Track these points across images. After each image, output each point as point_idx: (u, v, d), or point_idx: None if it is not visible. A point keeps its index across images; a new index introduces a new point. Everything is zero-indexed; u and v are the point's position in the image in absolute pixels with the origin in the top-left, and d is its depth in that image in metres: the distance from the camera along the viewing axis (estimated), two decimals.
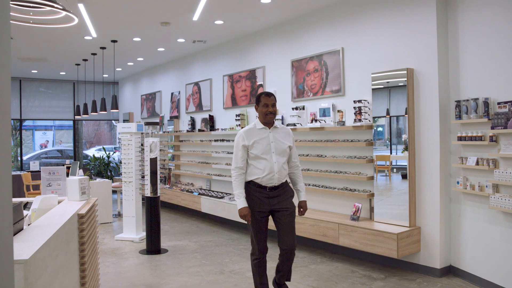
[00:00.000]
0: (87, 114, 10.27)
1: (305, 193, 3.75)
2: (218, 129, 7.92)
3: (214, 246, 5.99)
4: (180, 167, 9.26)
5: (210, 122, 8.20)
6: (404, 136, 4.87)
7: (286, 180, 3.65)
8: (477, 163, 4.16)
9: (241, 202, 3.48)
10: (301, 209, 3.68)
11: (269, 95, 3.58)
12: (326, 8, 5.80)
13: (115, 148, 13.32)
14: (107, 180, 8.11)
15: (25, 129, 13.03)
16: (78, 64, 10.06)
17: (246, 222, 3.53)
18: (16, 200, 3.22)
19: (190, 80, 9.12)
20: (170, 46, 8.32)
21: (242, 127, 7.22)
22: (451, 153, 4.60)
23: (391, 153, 5.19)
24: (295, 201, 3.67)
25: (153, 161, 5.91)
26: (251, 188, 3.54)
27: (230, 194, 7.29)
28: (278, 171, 3.50)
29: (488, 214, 4.18)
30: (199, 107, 8.73)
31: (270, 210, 3.55)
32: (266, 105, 3.54)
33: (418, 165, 4.71)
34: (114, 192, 9.47)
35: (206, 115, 8.43)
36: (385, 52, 5.04)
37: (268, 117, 3.54)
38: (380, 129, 5.45)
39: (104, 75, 10.99)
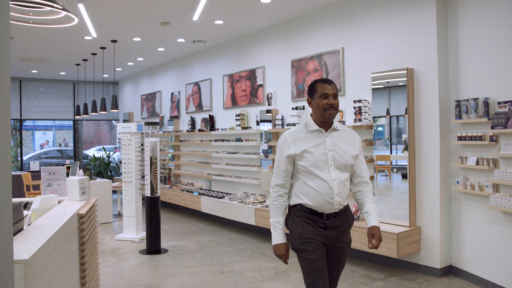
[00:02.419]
0: (87, 114, 10.27)
1: (377, 216, 2.61)
2: (218, 129, 7.92)
3: (214, 246, 6.00)
4: (180, 167, 9.26)
5: (210, 122, 8.20)
6: (404, 136, 4.87)
7: (347, 203, 2.64)
8: (477, 163, 4.16)
9: (277, 235, 2.54)
10: (373, 239, 2.56)
11: (328, 82, 2.58)
12: (326, 8, 5.80)
13: (115, 148, 13.32)
14: (107, 180, 8.11)
15: (25, 129, 13.03)
16: (78, 64, 10.06)
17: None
18: (16, 200, 3.22)
19: (190, 80, 9.12)
20: (170, 46, 8.32)
21: (242, 127, 7.21)
22: (451, 153, 4.60)
23: (391, 153, 5.19)
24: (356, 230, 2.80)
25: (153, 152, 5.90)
26: (300, 213, 2.53)
27: (230, 194, 7.29)
28: (338, 193, 2.48)
29: (488, 214, 4.18)
30: (199, 107, 8.73)
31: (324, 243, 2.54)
32: (325, 96, 2.53)
33: (418, 165, 4.70)
34: (114, 192, 9.47)
35: (206, 115, 8.43)
36: (385, 52, 5.04)
37: (328, 114, 2.52)
38: (380, 129, 5.45)
39: (104, 75, 10.99)
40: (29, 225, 2.43)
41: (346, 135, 2.63)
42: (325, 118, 2.53)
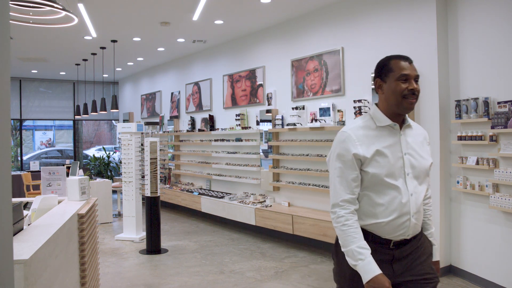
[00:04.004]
0: (87, 114, 10.28)
1: (439, 246, 2.11)
2: (218, 129, 7.92)
3: (214, 246, 6.00)
4: (180, 167, 9.26)
5: (210, 122, 8.20)
6: None
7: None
8: (477, 163, 4.16)
9: (369, 265, 1.74)
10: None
11: (408, 59, 1.91)
12: (326, 8, 5.80)
13: (115, 148, 13.32)
14: (107, 180, 8.11)
15: (25, 129, 13.03)
16: (78, 64, 10.06)
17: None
18: (16, 200, 3.22)
19: (190, 80, 9.12)
20: (170, 46, 8.32)
21: (242, 127, 7.20)
22: (451, 153, 4.60)
23: None
24: None
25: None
26: None
27: (230, 194, 7.29)
28: (416, 212, 1.86)
29: (488, 214, 4.18)
30: (199, 107, 8.73)
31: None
32: (404, 78, 1.87)
33: None
34: (114, 192, 9.47)
35: (206, 115, 8.43)
36: (385, 52, 5.01)
37: (407, 103, 1.87)
38: None
39: (104, 75, 10.99)
40: (29, 225, 2.43)
41: (418, 133, 2.00)
42: (401, 109, 1.88)
